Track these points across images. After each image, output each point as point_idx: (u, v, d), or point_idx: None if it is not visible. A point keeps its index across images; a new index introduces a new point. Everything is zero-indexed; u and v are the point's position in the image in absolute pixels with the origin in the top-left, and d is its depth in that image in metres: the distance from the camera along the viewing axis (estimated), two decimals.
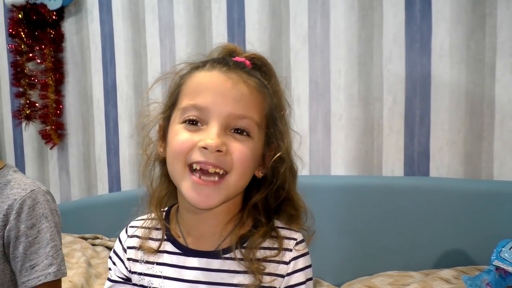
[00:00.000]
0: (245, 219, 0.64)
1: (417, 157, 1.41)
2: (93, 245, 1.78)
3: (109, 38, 1.90)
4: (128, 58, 1.86)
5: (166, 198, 0.69)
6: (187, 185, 0.59)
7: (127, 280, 0.69)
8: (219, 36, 1.67)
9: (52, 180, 2.11)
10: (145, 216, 0.70)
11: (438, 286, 1.12)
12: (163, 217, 0.68)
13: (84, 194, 2.04)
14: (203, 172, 0.58)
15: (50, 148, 2.05)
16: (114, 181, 1.96)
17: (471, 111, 1.33)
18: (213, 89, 0.59)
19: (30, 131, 2.08)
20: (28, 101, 2.00)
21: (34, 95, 1.99)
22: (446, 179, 1.36)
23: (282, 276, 0.63)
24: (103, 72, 1.93)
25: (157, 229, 0.67)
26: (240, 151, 0.58)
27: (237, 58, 0.64)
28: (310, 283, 0.66)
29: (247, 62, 0.64)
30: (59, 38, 1.95)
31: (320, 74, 1.53)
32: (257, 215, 0.65)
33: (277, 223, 0.67)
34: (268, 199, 0.66)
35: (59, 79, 1.97)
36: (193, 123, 0.59)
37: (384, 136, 1.45)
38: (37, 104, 2.00)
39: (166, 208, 0.70)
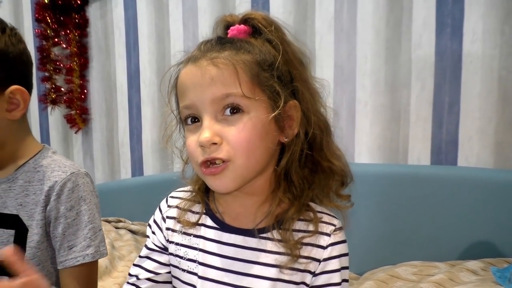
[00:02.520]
0: (281, 195, 0.62)
1: (445, 146, 1.37)
2: (116, 228, 1.81)
3: (132, 23, 1.90)
4: (151, 43, 1.86)
5: None
6: (204, 178, 0.61)
7: (164, 250, 0.69)
8: None
9: None
10: (186, 188, 0.71)
11: (465, 277, 1.09)
12: (203, 191, 0.68)
13: (107, 178, 2.07)
14: (212, 163, 0.59)
15: (75, 133, 2.08)
16: (137, 166, 1.98)
17: (504, 98, 1.28)
18: (190, 84, 0.59)
19: (56, 116, 2.12)
20: (53, 86, 2.03)
21: (60, 80, 2.02)
22: (475, 169, 1.32)
23: (318, 260, 0.62)
24: (126, 57, 1.94)
25: (198, 202, 0.68)
26: (234, 135, 0.57)
27: (231, 29, 0.63)
28: (346, 271, 0.64)
29: (243, 29, 0.62)
30: (84, 23, 1.97)
31: (345, 59, 1.49)
32: (293, 189, 0.63)
33: (317, 207, 0.65)
34: (301, 168, 0.63)
35: (84, 64, 2.00)
36: (194, 121, 0.60)
37: (410, 123, 1.41)
38: (62, 89, 2.03)
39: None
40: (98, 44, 1.99)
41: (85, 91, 2.02)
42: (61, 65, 2.01)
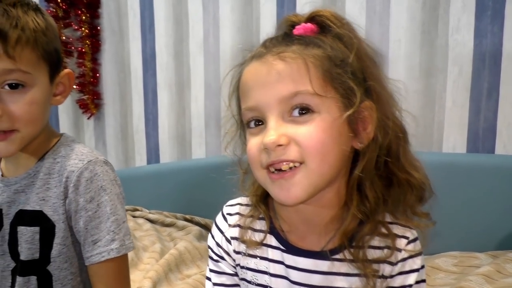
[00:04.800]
0: (355, 210, 0.56)
1: (482, 133, 1.34)
2: (133, 217, 1.76)
3: (148, 3, 1.82)
4: (168, 25, 1.79)
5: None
6: (270, 186, 0.54)
7: (237, 274, 0.65)
8: (267, 2, 1.58)
9: None
10: (241, 201, 0.65)
11: None
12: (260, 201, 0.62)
13: (121, 166, 2.01)
14: (278, 170, 0.53)
15: (88, 118, 2.00)
16: (153, 153, 1.92)
17: None
18: (254, 83, 0.54)
19: (66, 100, 2.04)
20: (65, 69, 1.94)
21: (71, 63, 1.93)
22: None
23: (386, 277, 0.58)
24: (141, 40, 1.86)
25: (258, 218, 0.62)
26: (305, 136, 0.51)
27: (297, 28, 0.57)
28: (422, 285, 0.59)
29: (310, 28, 0.57)
30: (96, 4, 1.88)
31: (377, 43, 1.42)
32: (366, 203, 0.57)
33: (388, 218, 0.59)
34: (375, 181, 0.56)
35: (96, 47, 1.91)
36: (257, 124, 0.55)
37: (446, 110, 1.37)
38: (74, 73, 1.94)
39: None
40: (111, 26, 1.91)
41: (97, 75, 1.94)
42: (72, 47, 1.92)
